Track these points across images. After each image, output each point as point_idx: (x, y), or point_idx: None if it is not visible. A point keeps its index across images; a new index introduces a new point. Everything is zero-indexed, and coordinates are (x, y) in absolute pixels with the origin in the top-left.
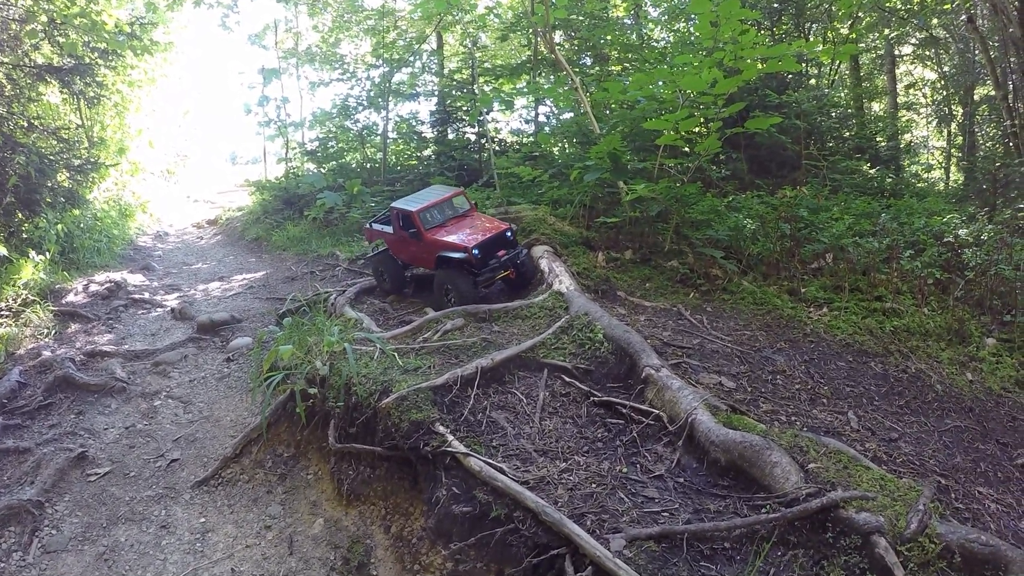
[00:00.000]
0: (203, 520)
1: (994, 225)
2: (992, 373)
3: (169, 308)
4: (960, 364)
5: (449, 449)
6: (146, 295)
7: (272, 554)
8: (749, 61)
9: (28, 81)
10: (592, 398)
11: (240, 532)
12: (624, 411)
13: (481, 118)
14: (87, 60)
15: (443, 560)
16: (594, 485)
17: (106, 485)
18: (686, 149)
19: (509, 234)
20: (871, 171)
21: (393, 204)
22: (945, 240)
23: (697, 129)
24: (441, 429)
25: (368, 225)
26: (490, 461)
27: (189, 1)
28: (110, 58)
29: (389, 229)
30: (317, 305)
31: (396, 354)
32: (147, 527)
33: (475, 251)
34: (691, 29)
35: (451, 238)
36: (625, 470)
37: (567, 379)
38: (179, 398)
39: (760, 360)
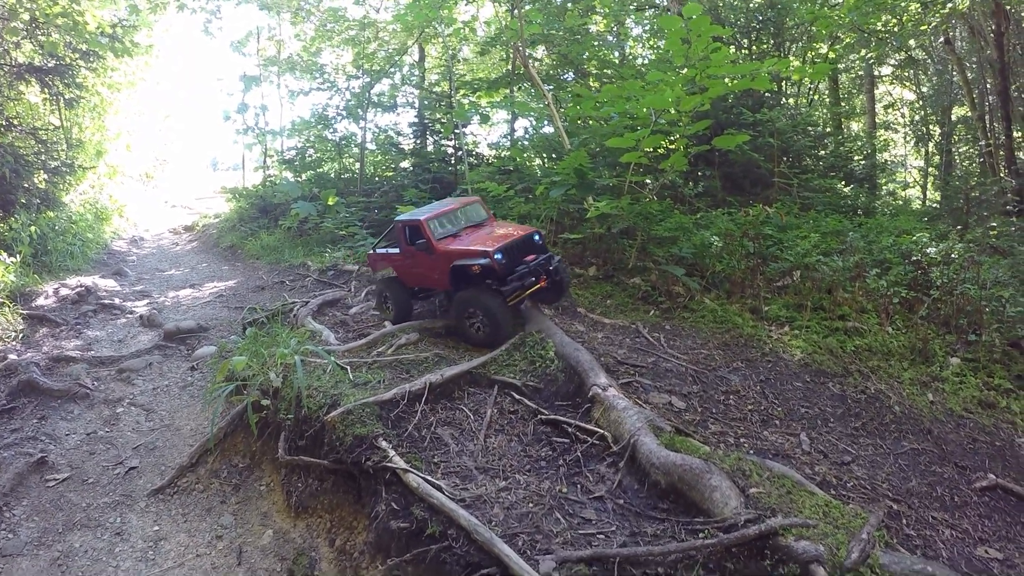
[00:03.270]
0: (157, 528)
1: (964, 244)
2: (954, 393)
3: (138, 315)
4: (922, 384)
5: (389, 464)
6: (116, 301)
7: (221, 564)
8: (715, 79)
9: (8, 80)
10: (540, 416)
11: (192, 541)
12: (570, 430)
13: (458, 131)
14: (68, 61)
15: (381, 575)
16: (531, 505)
17: (64, 491)
18: (661, 166)
19: (538, 237)
20: (845, 189)
21: (398, 218)
22: (913, 259)
23: (665, 146)
24: (383, 444)
25: (372, 251)
26: (428, 478)
27: (172, 5)
28: (91, 59)
29: (395, 251)
30: (281, 315)
31: (348, 367)
32: (102, 534)
33: (498, 255)
34: None
35: (467, 246)
36: (565, 490)
37: (516, 396)
38: (142, 406)
39: (714, 379)
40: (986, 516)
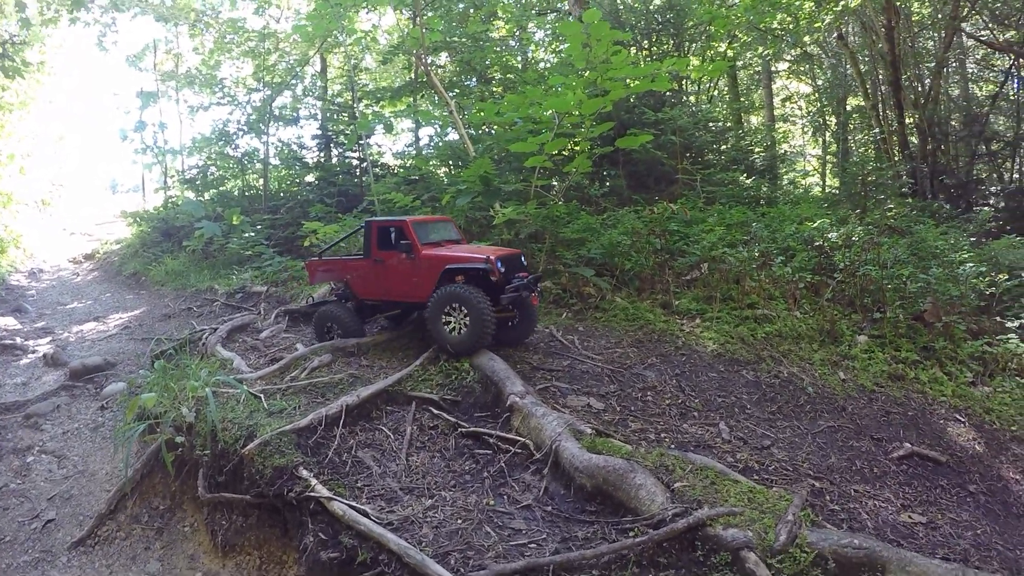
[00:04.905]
0: None
1: (864, 227)
2: (864, 370)
3: (41, 354)
4: (832, 364)
5: (312, 494)
6: (17, 340)
7: None
8: (616, 81)
9: None
10: (460, 429)
11: None
12: (491, 441)
13: (362, 142)
14: None
15: None
16: (460, 521)
17: None
18: (565, 169)
19: (523, 260)
20: (747, 181)
21: (369, 219)
22: (816, 244)
23: (570, 149)
24: (304, 473)
25: (317, 256)
26: (353, 504)
27: (65, 18)
28: None
29: (356, 257)
30: (190, 345)
31: (262, 396)
32: None
33: (499, 264)
34: None
35: (460, 253)
36: (492, 503)
37: (435, 411)
38: (53, 452)
39: (631, 377)
40: (906, 483)
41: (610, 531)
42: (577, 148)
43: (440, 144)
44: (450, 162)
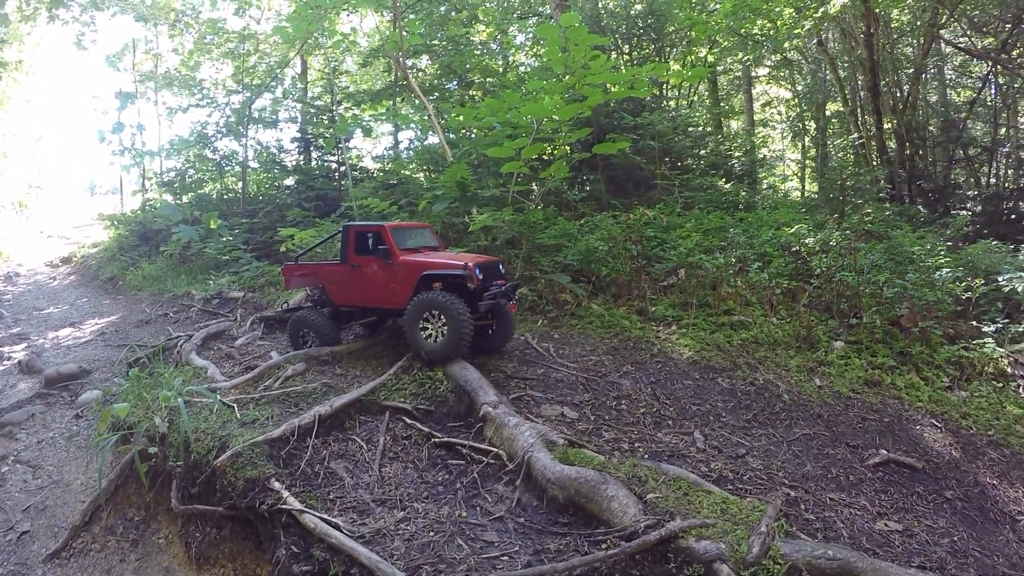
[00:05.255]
0: None
1: (841, 231)
2: (841, 376)
3: (16, 360)
4: (809, 370)
5: (284, 507)
6: None
7: None
8: (594, 87)
9: None
10: (433, 439)
11: None
12: (464, 451)
13: (340, 145)
14: None
15: None
16: (432, 533)
17: None
18: (542, 175)
19: (501, 267)
20: (726, 186)
21: (347, 224)
22: (793, 249)
23: (549, 153)
24: (276, 485)
25: (293, 261)
26: (325, 517)
27: (43, 16)
28: None
29: (333, 262)
30: (165, 352)
31: (235, 405)
32: None
33: (477, 271)
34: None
35: (438, 259)
36: (465, 514)
37: (409, 421)
38: (27, 462)
39: (605, 386)
40: (882, 491)
41: (583, 543)
42: (555, 153)
43: (419, 148)
44: (428, 167)
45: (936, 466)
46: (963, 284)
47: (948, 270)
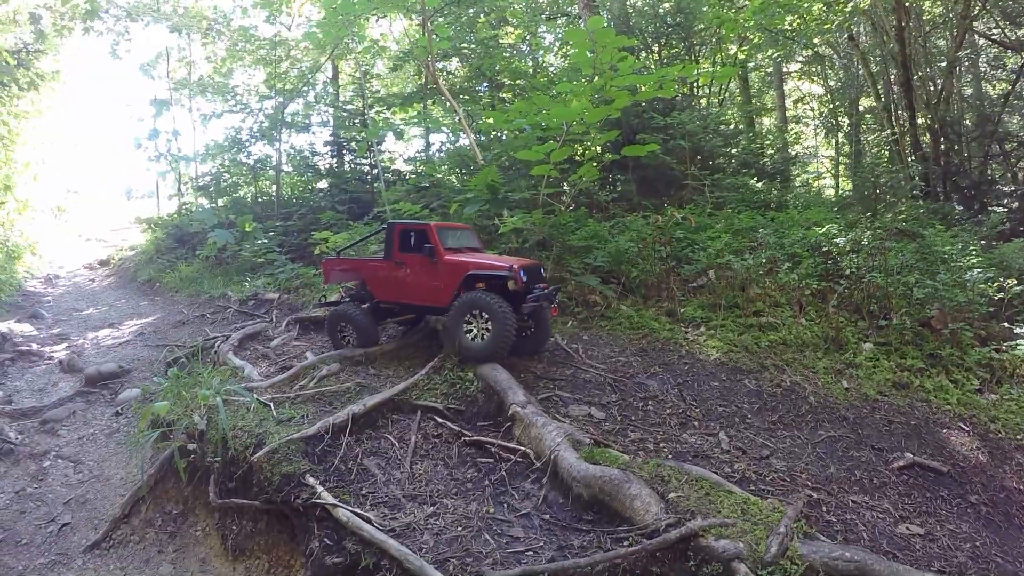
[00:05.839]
0: None
1: (872, 231)
2: (868, 378)
3: (57, 360)
4: (836, 372)
5: (318, 501)
6: (34, 346)
7: None
8: (619, 90)
9: None
10: (463, 438)
11: None
12: (493, 450)
13: (373, 148)
14: None
15: None
16: (460, 528)
17: None
18: (570, 179)
19: (543, 271)
20: (757, 185)
21: (392, 221)
22: (824, 249)
23: (580, 155)
24: (311, 480)
25: (334, 254)
26: (357, 511)
27: (79, 27)
28: None
29: (377, 258)
30: (203, 352)
31: (272, 404)
32: None
33: (521, 273)
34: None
35: (483, 260)
36: (492, 510)
37: (440, 420)
38: (68, 457)
39: (633, 387)
40: (905, 494)
41: (605, 540)
42: (585, 155)
43: (450, 151)
44: (459, 169)
45: (962, 470)
46: (995, 284)
47: (980, 270)
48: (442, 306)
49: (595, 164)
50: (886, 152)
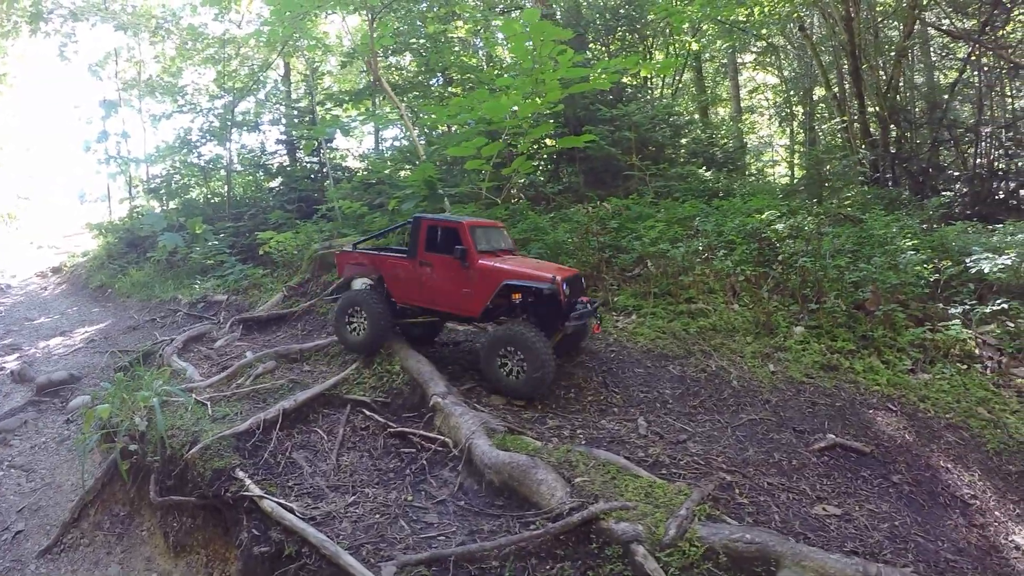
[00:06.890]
0: None
1: (814, 216)
2: (796, 361)
3: (8, 371)
4: (764, 356)
5: (246, 493)
6: None
7: None
8: (552, 83)
9: None
10: (388, 429)
11: None
12: (415, 440)
13: (321, 147)
14: None
15: None
16: (378, 516)
17: None
18: (504, 172)
19: (583, 281)
20: (707, 174)
21: (419, 216)
22: (762, 236)
23: (520, 151)
24: (240, 474)
25: (352, 247)
26: (281, 501)
27: (25, 29)
28: None
29: (401, 255)
30: (150, 356)
31: (209, 403)
32: None
33: (565, 285)
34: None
35: (523, 268)
36: (411, 498)
37: (367, 412)
38: (21, 466)
39: (557, 375)
40: (825, 475)
41: (514, 524)
42: (524, 149)
43: (395, 148)
44: (406, 165)
45: (886, 450)
46: (931, 266)
47: (912, 252)
48: (471, 314)
49: (528, 157)
50: (839, 140)
